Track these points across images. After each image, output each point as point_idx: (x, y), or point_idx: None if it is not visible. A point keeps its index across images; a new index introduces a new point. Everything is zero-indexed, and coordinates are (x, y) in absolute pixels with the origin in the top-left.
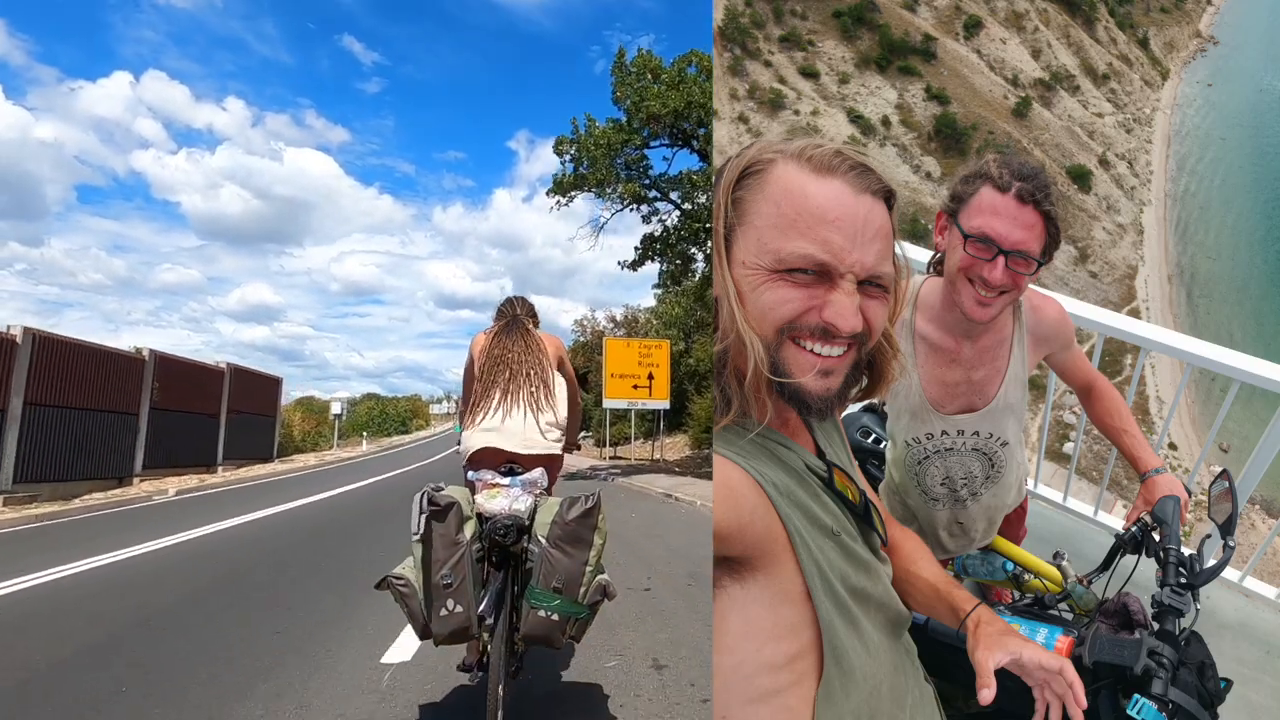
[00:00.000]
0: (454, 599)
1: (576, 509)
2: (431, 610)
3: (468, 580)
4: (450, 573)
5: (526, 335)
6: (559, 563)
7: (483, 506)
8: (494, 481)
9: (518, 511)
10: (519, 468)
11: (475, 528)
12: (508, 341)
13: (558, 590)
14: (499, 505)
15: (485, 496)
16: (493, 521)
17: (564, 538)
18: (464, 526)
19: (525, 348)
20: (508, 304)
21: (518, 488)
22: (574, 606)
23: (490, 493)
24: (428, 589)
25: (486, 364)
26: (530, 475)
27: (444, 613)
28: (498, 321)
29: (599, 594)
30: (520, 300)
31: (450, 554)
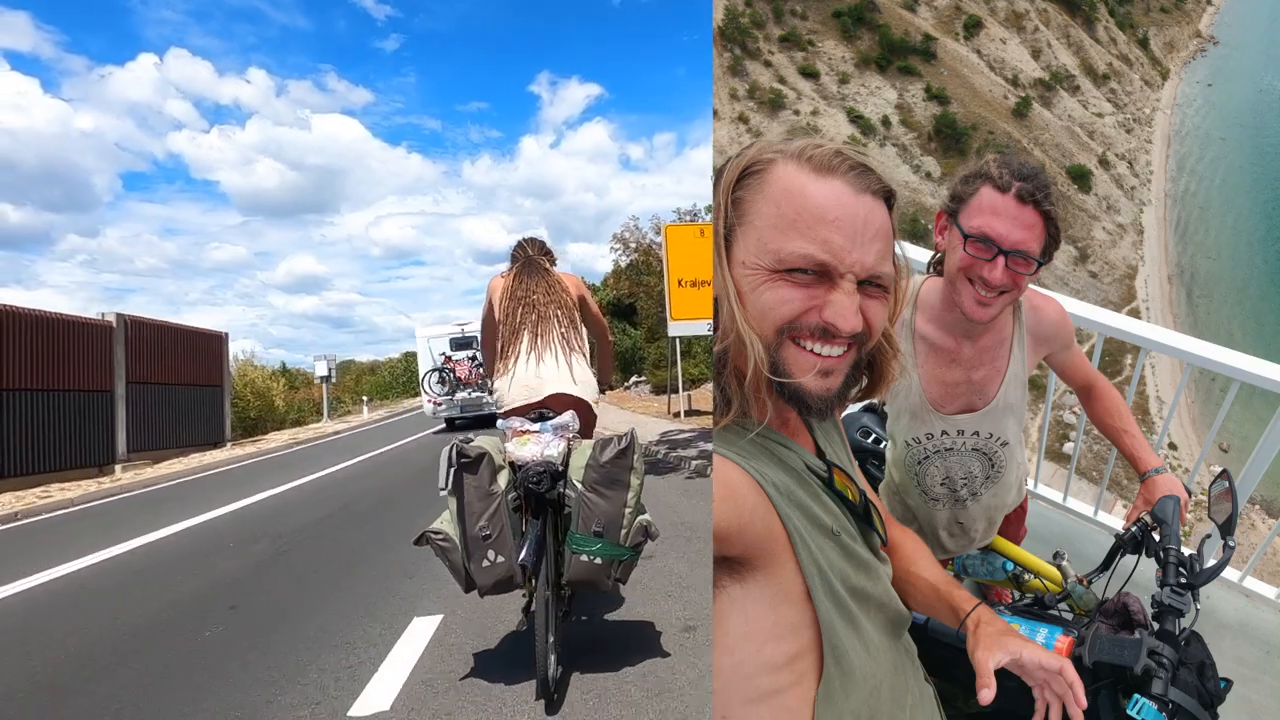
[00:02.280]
0: (494, 549)
1: (611, 450)
2: (472, 562)
3: (506, 530)
4: (488, 524)
5: (547, 275)
6: (597, 506)
7: (514, 454)
8: (523, 429)
9: (550, 457)
10: (550, 412)
11: (509, 477)
12: (530, 283)
13: (598, 534)
14: (530, 452)
15: (516, 444)
16: (525, 469)
17: (600, 480)
18: (497, 476)
19: (548, 287)
20: (519, 247)
21: (548, 433)
22: (616, 549)
23: (521, 440)
24: (466, 542)
25: (510, 306)
26: (561, 419)
27: (485, 564)
28: (513, 265)
29: (641, 534)
30: (532, 241)
31: (486, 505)
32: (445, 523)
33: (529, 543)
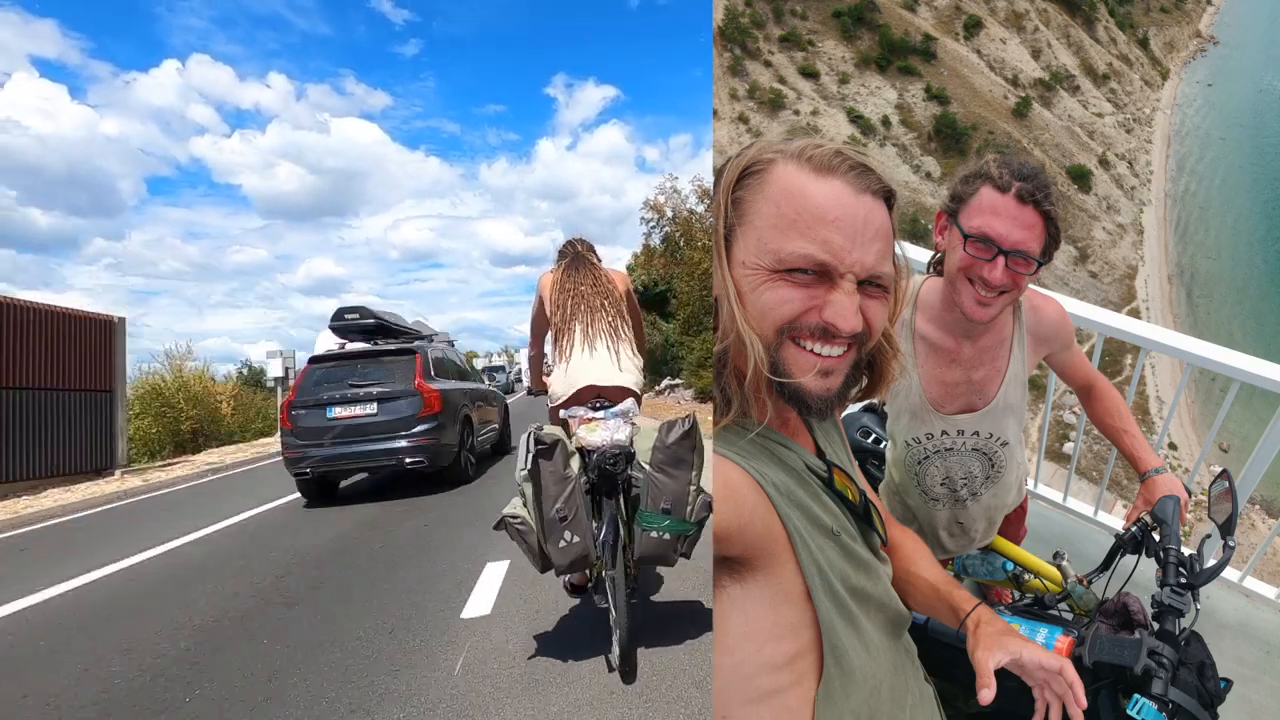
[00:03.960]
0: (570, 530)
1: (675, 431)
2: (549, 543)
3: (581, 511)
4: (564, 506)
5: (595, 269)
6: (664, 485)
7: (584, 440)
8: (589, 416)
9: (620, 440)
10: (607, 401)
11: (579, 461)
12: (579, 277)
13: (666, 511)
14: (600, 437)
15: (586, 430)
16: (600, 453)
17: (666, 461)
18: (570, 461)
19: (595, 280)
20: (568, 244)
21: (615, 419)
22: (683, 525)
23: (589, 426)
24: (542, 524)
25: (561, 299)
26: (623, 406)
27: (562, 544)
28: (561, 260)
29: (705, 510)
30: (580, 240)
31: (561, 489)
32: (518, 507)
33: (607, 521)
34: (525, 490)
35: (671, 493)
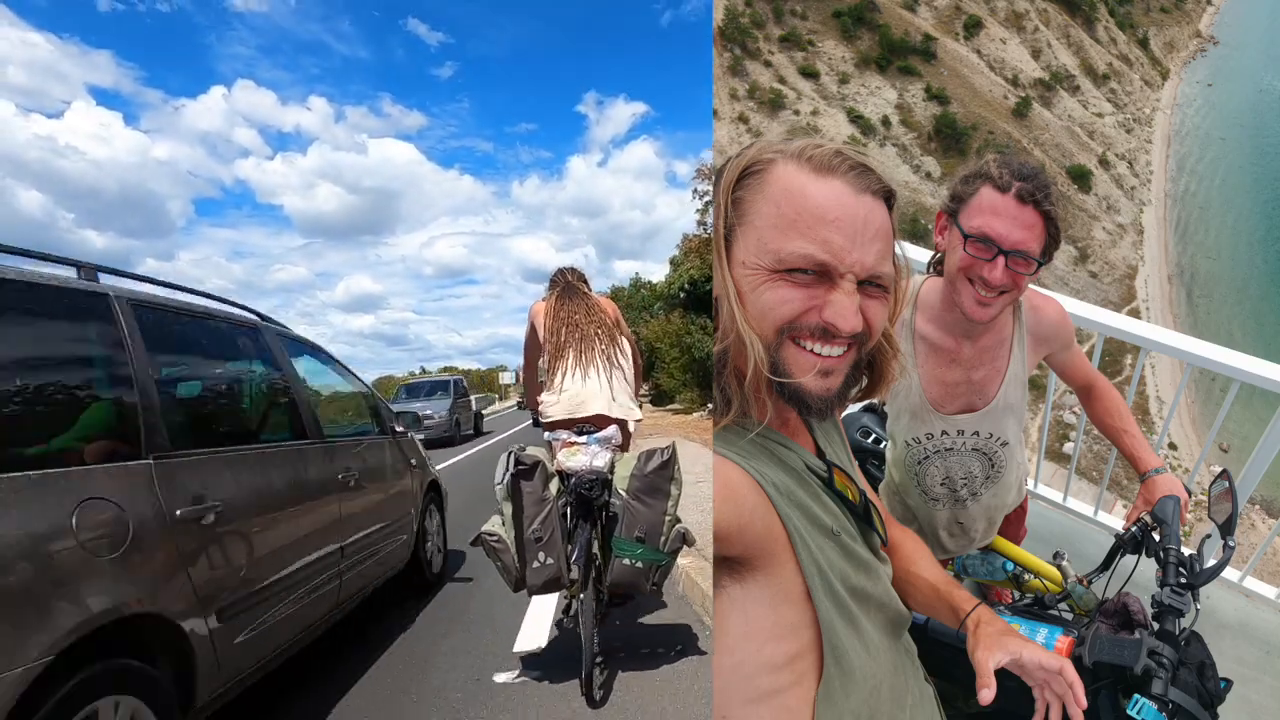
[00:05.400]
0: (545, 551)
1: (654, 461)
2: (524, 563)
3: (557, 533)
4: (540, 527)
5: (587, 298)
6: (640, 513)
7: (564, 464)
8: (571, 440)
9: (599, 467)
10: (592, 426)
11: (558, 484)
12: (571, 305)
13: (640, 539)
14: (579, 462)
15: (566, 454)
16: (578, 477)
17: (643, 489)
18: (549, 484)
19: (588, 309)
20: (559, 273)
21: (595, 445)
22: (656, 554)
23: (570, 451)
24: (519, 543)
25: (554, 326)
26: (606, 433)
27: (536, 565)
28: (553, 289)
29: (679, 541)
30: (571, 270)
31: (539, 510)
32: (498, 525)
33: (579, 544)
34: (504, 509)
35: (646, 521)
